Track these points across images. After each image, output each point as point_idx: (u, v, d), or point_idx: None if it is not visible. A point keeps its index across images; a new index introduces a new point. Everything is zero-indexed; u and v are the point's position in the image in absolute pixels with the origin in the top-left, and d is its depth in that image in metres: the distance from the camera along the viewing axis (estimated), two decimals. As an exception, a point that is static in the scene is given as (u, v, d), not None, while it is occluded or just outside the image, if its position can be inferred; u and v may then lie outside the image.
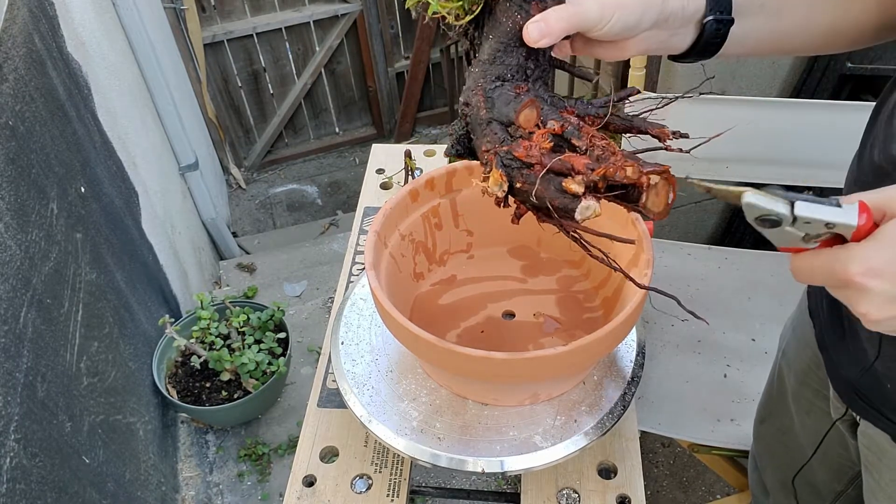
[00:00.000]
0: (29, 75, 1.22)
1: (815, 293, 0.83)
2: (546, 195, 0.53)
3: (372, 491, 0.84)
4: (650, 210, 0.51)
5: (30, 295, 1.07)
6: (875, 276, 0.41)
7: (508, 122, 0.57)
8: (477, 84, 0.59)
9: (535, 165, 0.54)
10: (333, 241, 2.62)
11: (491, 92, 0.58)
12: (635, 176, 0.50)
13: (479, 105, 0.58)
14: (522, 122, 0.56)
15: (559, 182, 0.52)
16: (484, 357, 0.67)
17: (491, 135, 0.57)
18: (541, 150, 0.54)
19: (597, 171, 0.50)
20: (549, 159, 0.53)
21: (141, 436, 1.50)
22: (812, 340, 0.82)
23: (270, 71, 3.56)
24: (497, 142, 0.57)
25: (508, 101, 0.57)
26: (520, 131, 0.56)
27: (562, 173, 0.53)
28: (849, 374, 0.73)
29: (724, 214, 2.16)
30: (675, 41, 0.61)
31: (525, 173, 0.54)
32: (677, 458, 1.83)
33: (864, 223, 0.41)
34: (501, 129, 0.58)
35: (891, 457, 0.71)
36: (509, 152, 0.55)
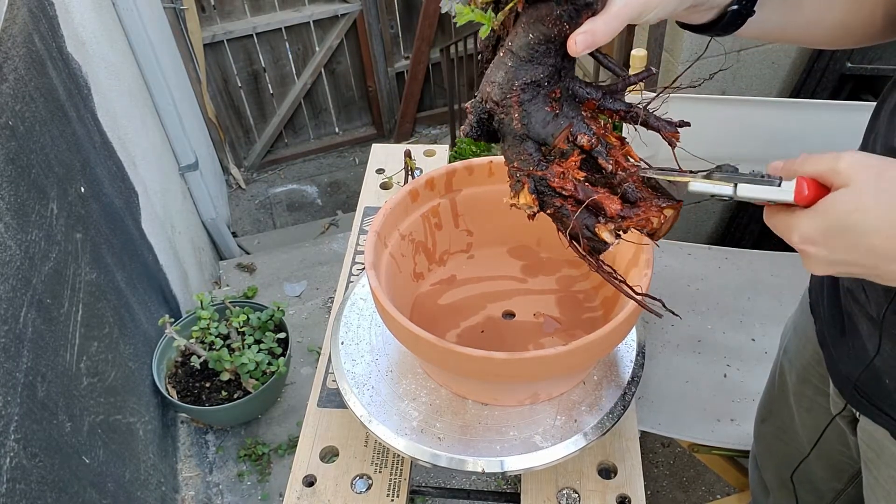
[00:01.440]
0: (29, 75, 1.22)
1: (815, 290, 0.83)
2: (578, 232, 0.57)
3: (372, 491, 0.84)
4: (656, 237, 0.57)
5: (30, 295, 1.07)
6: (812, 243, 0.47)
7: (544, 143, 0.57)
8: (511, 85, 0.57)
9: (569, 199, 0.56)
10: (333, 241, 2.62)
11: (527, 104, 0.57)
12: (658, 226, 0.55)
13: (513, 115, 0.57)
14: (557, 141, 0.57)
15: (592, 223, 0.56)
16: (484, 357, 0.67)
17: (525, 154, 0.58)
18: (574, 183, 0.56)
19: (627, 223, 0.55)
20: (582, 193, 0.56)
21: (141, 436, 1.50)
22: (813, 337, 0.82)
23: (270, 71, 3.56)
24: (532, 163, 0.57)
25: (546, 123, 0.57)
26: (553, 151, 0.57)
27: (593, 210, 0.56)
28: (849, 371, 0.73)
29: (724, 214, 2.16)
30: (694, 17, 0.61)
31: (558, 203, 0.57)
32: (677, 458, 1.83)
33: (807, 194, 0.47)
34: (535, 149, 0.58)
35: (890, 453, 0.71)
36: (543, 179, 0.57)
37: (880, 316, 0.64)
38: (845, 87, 1.78)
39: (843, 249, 0.46)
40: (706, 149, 1.50)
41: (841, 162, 0.45)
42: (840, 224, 0.45)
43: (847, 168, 0.44)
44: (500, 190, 0.91)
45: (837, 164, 0.45)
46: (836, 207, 0.45)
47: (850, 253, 0.46)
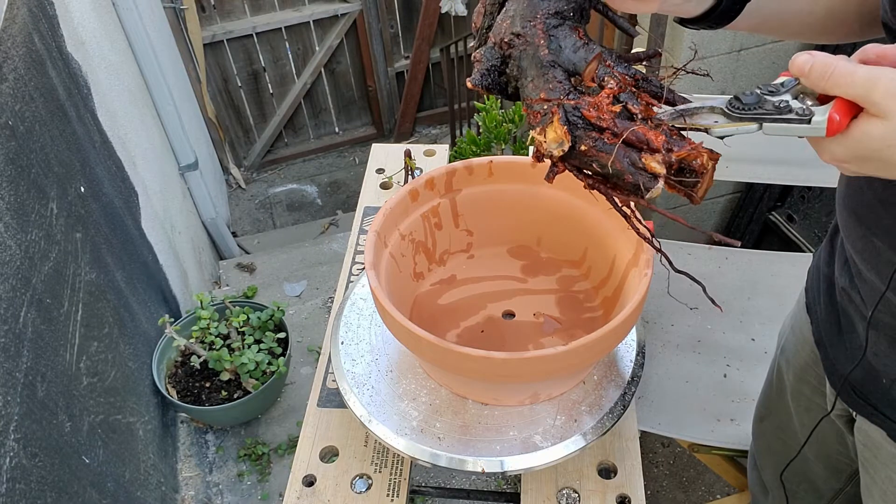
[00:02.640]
0: (29, 75, 1.22)
1: (812, 290, 0.83)
2: (621, 168, 0.49)
3: (372, 491, 0.84)
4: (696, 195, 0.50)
5: (30, 295, 1.07)
6: (842, 162, 0.47)
7: (574, 72, 0.52)
8: (535, 13, 0.52)
9: (606, 132, 0.50)
10: (333, 240, 2.62)
11: (553, 30, 0.52)
12: (709, 164, 0.49)
13: (538, 42, 0.52)
14: (586, 75, 0.51)
15: (636, 156, 0.49)
16: (484, 357, 0.67)
17: (553, 82, 0.51)
18: (612, 113, 0.50)
19: (678, 153, 0.48)
20: (620, 127, 0.49)
21: (141, 436, 1.50)
22: (810, 337, 0.82)
23: (270, 71, 3.56)
24: (562, 92, 0.51)
25: (576, 49, 0.52)
26: (583, 85, 0.52)
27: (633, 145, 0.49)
28: (845, 370, 0.73)
29: (725, 214, 2.16)
30: (691, 6, 0.61)
31: (594, 137, 0.50)
32: (677, 457, 1.83)
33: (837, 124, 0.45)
34: (565, 78, 0.52)
35: (886, 453, 0.71)
36: (577, 109, 0.50)
37: (869, 315, 0.65)
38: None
39: (874, 170, 0.46)
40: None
41: (876, 92, 0.43)
42: (873, 155, 0.45)
43: (882, 100, 0.43)
44: (500, 190, 0.91)
45: (872, 95, 0.43)
46: (870, 138, 0.44)
47: (881, 171, 0.46)
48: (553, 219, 0.91)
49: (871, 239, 0.63)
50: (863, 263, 0.65)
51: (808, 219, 1.98)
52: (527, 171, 0.89)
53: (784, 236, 1.98)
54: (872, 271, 0.63)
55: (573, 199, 0.88)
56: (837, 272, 0.73)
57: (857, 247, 0.65)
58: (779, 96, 0.47)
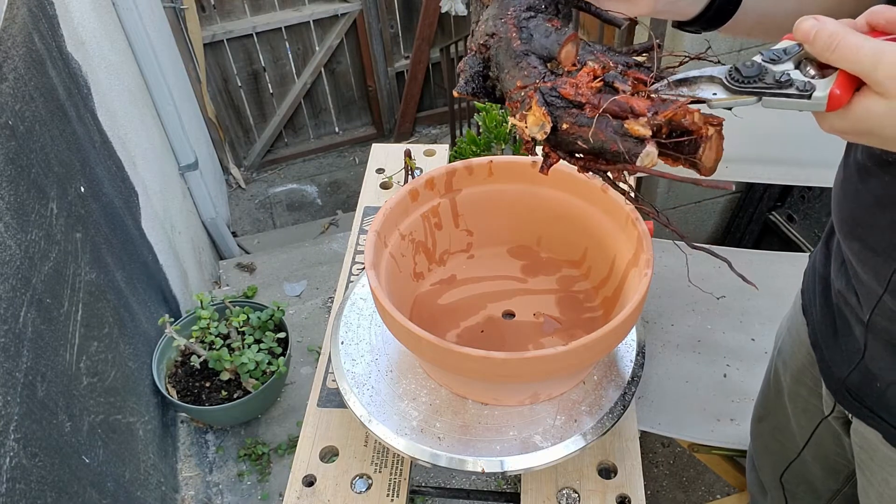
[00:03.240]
0: (29, 75, 1.22)
1: (808, 292, 0.83)
2: (604, 138, 0.48)
3: (372, 491, 0.84)
4: (703, 164, 0.49)
5: (30, 295, 1.07)
6: (841, 133, 0.47)
7: (548, 57, 0.52)
8: (505, 12, 0.53)
9: (586, 106, 0.49)
10: (333, 240, 2.62)
11: (525, 22, 0.53)
12: (700, 122, 0.47)
13: (510, 36, 0.52)
14: (563, 58, 0.51)
15: (619, 125, 0.48)
16: (484, 357, 0.67)
17: (528, 69, 0.51)
18: (591, 88, 0.49)
19: (663, 114, 0.47)
20: (601, 100, 0.48)
21: (141, 435, 1.50)
22: (806, 339, 0.82)
23: (270, 71, 3.56)
24: (537, 77, 0.51)
25: (548, 34, 0.52)
26: (560, 69, 0.51)
27: (617, 115, 0.48)
28: (841, 372, 0.73)
29: (725, 214, 2.16)
30: (685, 6, 0.60)
31: (574, 113, 0.49)
32: (677, 457, 1.83)
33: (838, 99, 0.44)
34: (541, 64, 0.52)
35: (882, 455, 0.71)
36: (554, 89, 0.50)
37: (867, 318, 0.65)
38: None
39: (874, 143, 0.46)
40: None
41: (880, 70, 0.42)
42: (874, 130, 0.45)
43: (886, 80, 0.42)
44: (500, 190, 0.91)
45: (877, 73, 0.42)
46: (870, 115, 0.44)
47: (881, 145, 0.46)
48: (553, 219, 0.91)
49: (867, 241, 0.62)
50: (859, 266, 0.65)
51: (808, 219, 1.98)
52: (527, 171, 0.89)
53: (784, 236, 1.98)
54: (869, 274, 0.63)
55: (573, 199, 0.88)
56: (834, 274, 0.73)
57: (853, 248, 0.65)
58: (781, 65, 0.46)
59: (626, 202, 0.80)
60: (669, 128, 0.48)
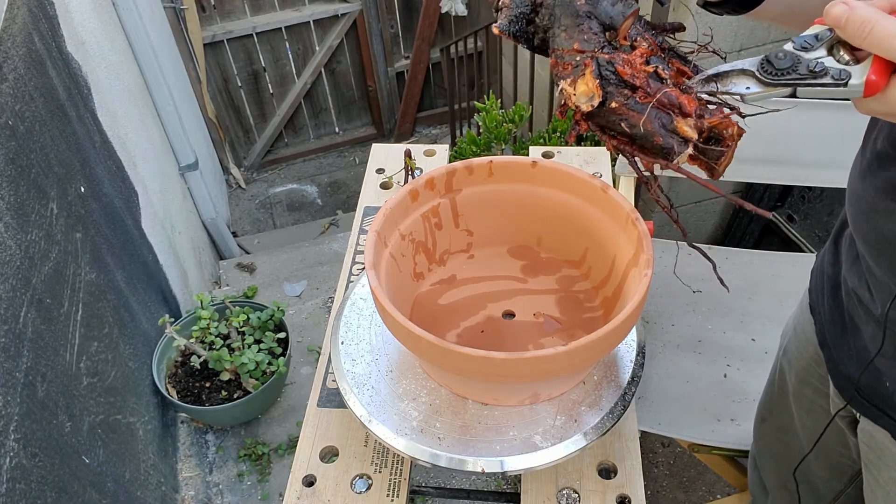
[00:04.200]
0: (29, 75, 1.22)
1: (816, 290, 0.82)
2: (652, 130, 0.48)
3: (372, 491, 0.84)
4: (718, 171, 0.50)
5: (30, 295, 1.07)
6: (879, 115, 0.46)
7: (609, 26, 0.51)
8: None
9: (639, 90, 0.48)
10: (333, 240, 2.62)
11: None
12: (737, 135, 0.48)
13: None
14: (623, 30, 0.50)
15: (669, 120, 0.48)
16: (484, 357, 0.67)
17: (588, 33, 0.50)
18: (646, 73, 0.49)
19: (709, 120, 0.47)
20: (653, 87, 0.48)
21: (141, 436, 1.50)
22: (813, 338, 0.82)
23: (270, 71, 3.56)
24: (596, 45, 0.49)
25: (615, 2, 0.50)
26: (617, 41, 0.51)
27: (664, 108, 0.48)
28: (849, 371, 0.72)
29: (725, 214, 2.16)
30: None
31: (626, 94, 0.49)
32: (677, 458, 1.83)
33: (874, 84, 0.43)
34: (601, 31, 0.50)
35: (890, 454, 0.71)
36: (611, 63, 0.48)
37: (884, 314, 0.64)
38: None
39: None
40: (706, 149, 1.50)
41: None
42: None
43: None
44: (500, 190, 0.91)
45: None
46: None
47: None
48: (553, 219, 0.91)
49: (883, 231, 0.61)
50: (873, 259, 0.64)
51: (808, 219, 1.98)
52: (527, 171, 0.89)
53: (784, 236, 1.98)
54: (885, 266, 0.62)
55: (573, 199, 0.88)
56: (846, 272, 0.72)
57: (868, 240, 0.64)
58: (813, 52, 0.45)
59: (627, 204, 0.80)
60: (709, 133, 0.48)
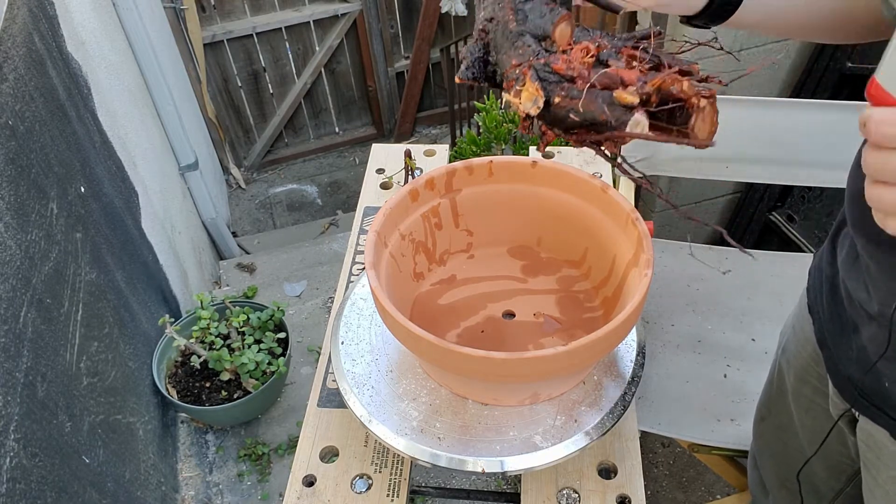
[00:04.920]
0: (29, 75, 1.22)
1: (814, 290, 0.83)
2: (594, 108, 0.49)
3: (372, 491, 0.84)
4: (696, 136, 0.48)
5: (30, 295, 1.07)
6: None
7: (543, 36, 0.54)
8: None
9: (578, 79, 0.50)
10: (333, 241, 2.62)
11: (521, 5, 0.55)
12: (691, 91, 0.47)
13: (507, 19, 0.55)
14: (558, 37, 0.53)
15: (608, 95, 0.49)
16: (483, 357, 0.67)
17: (523, 47, 0.53)
18: (583, 62, 0.51)
19: (652, 82, 0.47)
20: (592, 71, 0.50)
21: (141, 436, 1.50)
22: (812, 338, 0.82)
23: (270, 71, 3.56)
24: (531, 55, 0.53)
25: (543, 14, 0.54)
26: (554, 47, 0.53)
27: (608, 87, 0.49)
28: (848, 370, 0.72)
29: (725, 215, 2.16)
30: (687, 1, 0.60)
31: (566, 87, 0.51)
32: (677, 458, 1.83)
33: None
34: (535, 43, 0.54)
35: (889, 454, 0.71)
36: (547, 64, 0.51)
37: (888, 317, 0.63)
38: (845, 88, 1.78)
39: None
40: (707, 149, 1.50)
41: None
42: None
43: None
44: (500, 190, 0.91)
45: None
46: None
47: None
48: (553, 219, 0.91)
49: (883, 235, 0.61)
50: (872, 260, 0.64)
51: (808, 219, 1.98)
52: (527, 171, 0.89)
53: (784, 236, 1.98)
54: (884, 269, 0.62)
55: (573, 199, 0.88)
56: (844, 271, 0.72)
57: (867, 239, 0.64)
58: None
59: (627, 204, 0.80)
60: (659, 97, 0.48)
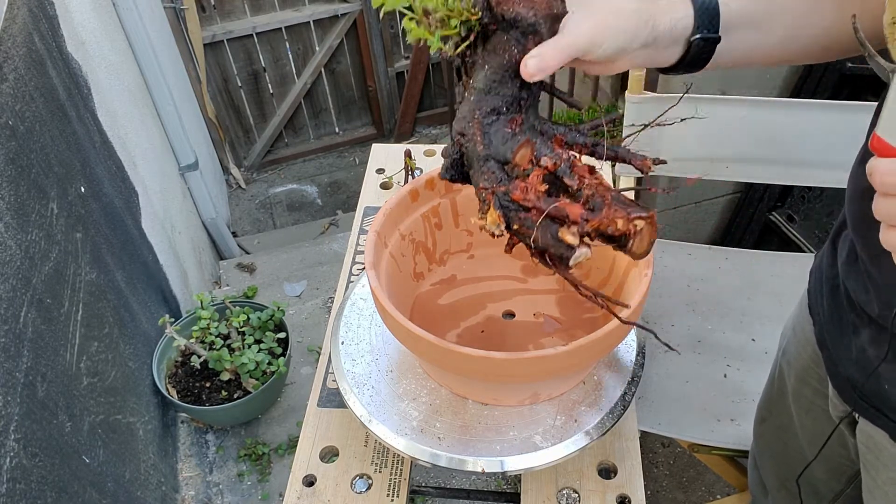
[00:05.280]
0: (29, 75, 1.22)
1: (814, 291, 0.82)
2: (544, 242, 0.55)
3: (372, 491, 0.84)
4: (634, 253, 0.55)
5: (30, 295, 1.07)
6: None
7: (505, 161, 0.59)
8: (473, 115, 0.59)
9: (532, 210, 0.56)
10: (333, 241, 2.62)
11: (487, 127, 0.59)
12: (624, 228, 0.53)
13: (475, 139, 0.60)
14: (519, 160, 0.58)
15: (555, 230, 0.55)
16: (483, 357, 0.67)
17: (488, 173, 0.59)
18: (537, 194, 0.57)
19: (590, 223, 0.54)
20: (545, 204, 0.56)
21: (141, 436, 1.50)
22: (812, 339, 0.82)
23: (270, 71, 3.56)
24: (494, 181, 0.58)
25: (505, 140, 0.59)
26: (516, 170, 0.58)
27: (557, 219, 0.55)
28: (848, 372, 0.72)
29: (725, 214, 2.16)
30: (663, 57, 0.62)
31: (522, 217, 0.57)
32: (677, 458, 1.83)
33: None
34: (498, 168, 0.59)
35: (888, 455, 0.71)
36: (507, 194, 0.57)
37: (889, 321, 0.63)
38: (845, 88, 1.78)
39: None
40: (707, 149, 1.50)
41: None
42: None
43: None
44: (500, 190, 0.91)
45: None
46: None
47: None
48: (553, 219, 0.91)
49: None
50: (872, 262, 0.64)
51: (808, 219, 1.98)
52: (527, 171, 0.89)
53: (784, 236, 1.98)
54: (885, 271, 0.62)
55: (573, 200, 0.88)
56: (844, 273, 0.72)
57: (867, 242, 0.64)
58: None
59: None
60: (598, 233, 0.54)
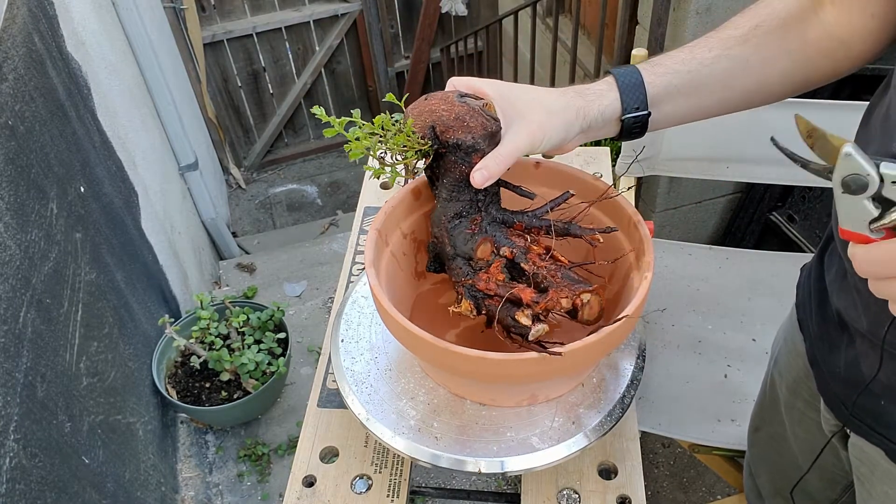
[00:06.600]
0: (29, 75, 1.22)
1: (804, 307, 0.81)
2: (506, 323, 0.67)
3: (372, 491, 0.84)
4: (586, 321, 0.66)
5: (29, 295, 1.07)
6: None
7: (469, 257, 0.71)
8: (441, 220, 0.71)
9: (494, 296, 0.68)
10: (333, 241, 2.62)
11: (452, 230, 0.71)
12: (569, 306, 0.65)
13: (444, 241, 0.72)
14: (480, 255, 0.70)
15: (514, 311, 0.66)
16: (479, 357, 0.67)
17: (457, 269, 0.71)
18: (496, 283, 0.69)
19: (540, 306, 0.65)
20: (503, 290, 0.68)
21: (140, 436, 1.50)
22: (803, 352, 0.81)
23: (270, 71, 3.56)
24: (462, 276, 0.71)
25: (466, 241, 0.71)
26: (479, 263, 0.70)
27: (515, 302, 0.67)
28: (841, 391, 0.72)
29: (725, 215, 2.16)
30: (602, 134, 0.70)
31: (488, 303, 0.69)
32: (677, 458, 1.83)
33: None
34: (465, 263, 0.71)
35: (882, 470, 0.70)
36: (473, 286, 0.70)
37: (880, 337, 0.62)
38: (845, 88, 1.78)
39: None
40: (707, 149, 1.50)
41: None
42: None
43: None
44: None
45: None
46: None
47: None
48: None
49: None
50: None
51: (808, 219, 1.98)
52: (530, 172, 0.88)
53: (784, 236, 1.98)
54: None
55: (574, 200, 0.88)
56: (832, 289, 0.71)
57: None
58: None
59: (629, 207, 0.80)
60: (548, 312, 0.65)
